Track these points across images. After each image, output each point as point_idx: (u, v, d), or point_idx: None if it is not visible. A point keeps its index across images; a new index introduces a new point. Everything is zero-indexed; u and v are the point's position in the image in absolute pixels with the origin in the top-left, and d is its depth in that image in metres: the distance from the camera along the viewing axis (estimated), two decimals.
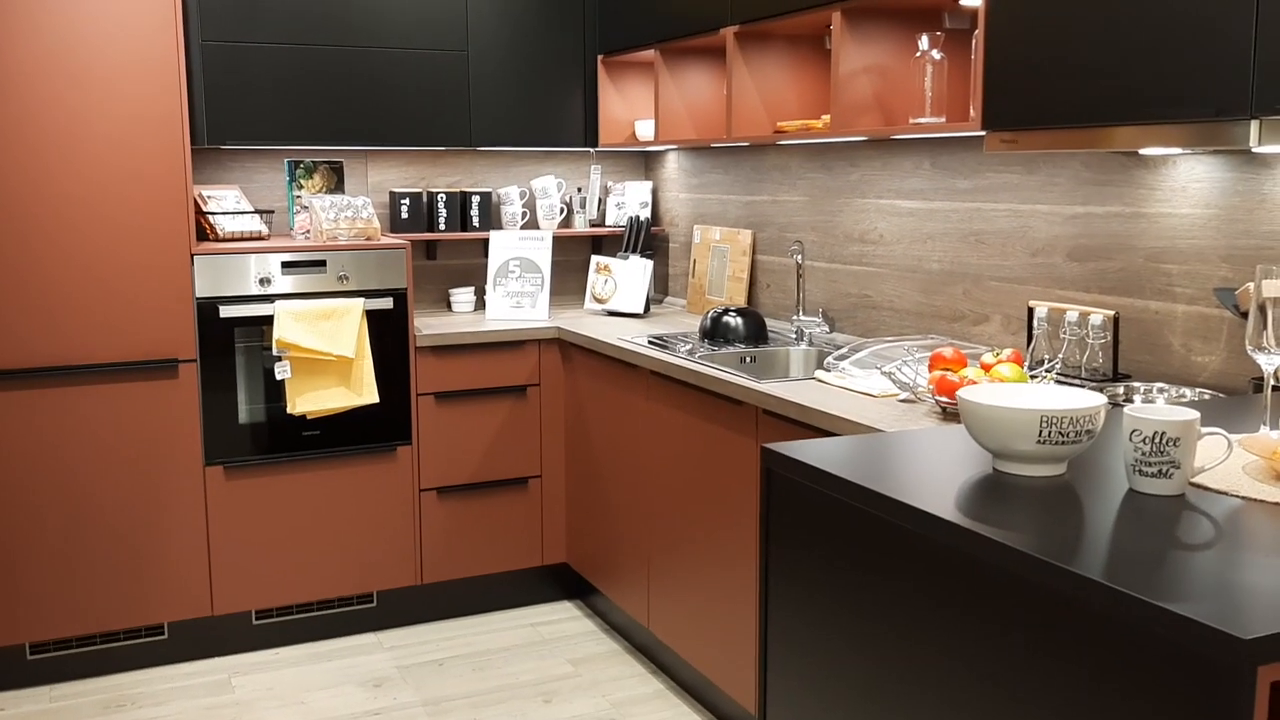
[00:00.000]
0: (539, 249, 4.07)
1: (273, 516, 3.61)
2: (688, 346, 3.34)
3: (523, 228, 4.26)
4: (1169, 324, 2.49)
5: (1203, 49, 1.94)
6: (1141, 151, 2.42)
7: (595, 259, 4.20)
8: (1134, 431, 1.52)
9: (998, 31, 2.37)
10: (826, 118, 3.08)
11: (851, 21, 2.88)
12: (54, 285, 3.28)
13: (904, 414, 2.39)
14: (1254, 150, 2.02)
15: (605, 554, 3.70)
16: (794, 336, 3.44)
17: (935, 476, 1.68)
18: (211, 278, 3.47)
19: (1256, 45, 1.84)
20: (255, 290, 3.52)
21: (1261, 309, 1.69)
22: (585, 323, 3.89)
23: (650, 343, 3.43)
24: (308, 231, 3.81)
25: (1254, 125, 1.88)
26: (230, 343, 3.51)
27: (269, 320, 3.52)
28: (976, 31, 2.44)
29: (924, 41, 2.81)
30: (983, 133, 2.46)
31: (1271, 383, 1.75)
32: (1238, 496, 1.52)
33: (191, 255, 3.43)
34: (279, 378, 3.51)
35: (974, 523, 1.41)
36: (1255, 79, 1.85)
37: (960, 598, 1.42)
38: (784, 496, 1.79)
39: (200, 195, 3.71)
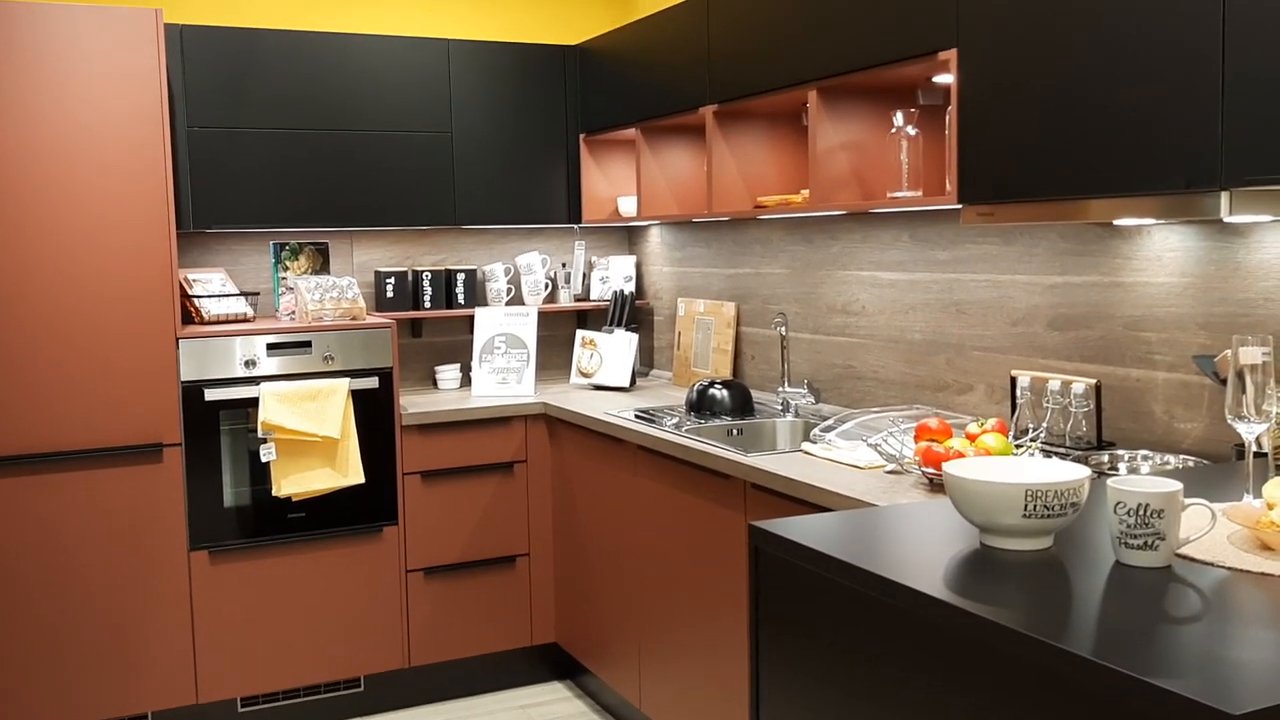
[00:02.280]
0: (524, 325, 4.08)
1: (258, 601, 3.57)
2: (674, 420, 3.34)
3: (508, 304, 4.29)
4: (1150, 391, 2.51)
5: (1172, 123, 1.98)
6: (1116, 222, 2.46)
7: (580, 333, 4.22)
8: (1118, 504, 1.52)
9: (970, 107, 2.42)
10: (805, 192, 3.12)
11: (827, 99, 2.94)
12: (38, 370, 3.28)
13: (891, 486, 2.39)
14: (1226, 220, 2.05)
15: (595, 633, 3.66)
16: (780, 408, 3.45)
17: (923, 552, 1.67)
18: (197, 361, 3.47)
19: (1223, 119, 1.88)
20: (241, 372, 3.52)
21: (1240, 376, 1.71)
22: (571, 397, 3.90)
23: (637, 416, 3.43)
24: (293, 313, 3.82)
25: (1224, 196, 1.91)
26: (215, 425, 3.50)
27: (254, 402, 3.51)
28: (950, 107, 2.49)
29: (899, 118, 2.86)
30: (959, 206, 2.50)
31: (1253, 450, 1.76)
32: (1223, 567, 1.52)
33: (177, 339, 3.43)
34: (264, 460, 3.49)
35: (963, 600, 1.41)
36: (1224, 152, 1.89)
37: (951, 674, 1.41)
38: (773, 574, 1.78)
39: (186, 279, 3.73)
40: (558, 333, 4.53)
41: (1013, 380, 2.73)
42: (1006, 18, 2.31)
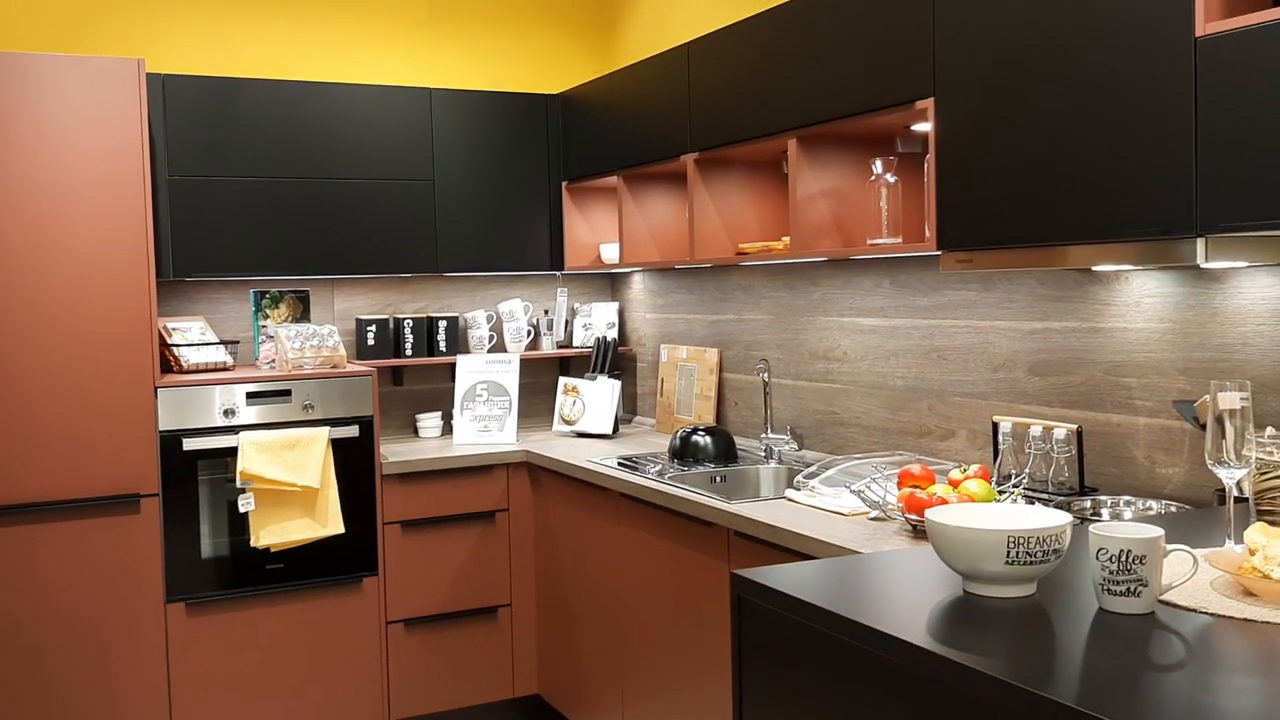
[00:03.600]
0: (506, 372, 4.07)
1: (236, 654, 3.52)
2: (657, 467, 3.33)
3: (490, 351, 4.28)
4: (1131, 436, 2.51)
5: (1148, 170, 2.00)
6: (1095, 268, 2.48)
7: (563, 380, 4.21)
8: (1100, 550, 1.52)
9: (948, 155, 2.44)
10: (787, 239, 3.14)
11: (807, 147, 2.96)
12: (14, 420, 3.24)
13: (875, 533, 2.38)
14: (1202, 266, 2.07)
15: (578, 684, 3.61)
16: (763, 454, 3.44)
17: (907, 600, 1.66)
18: (175, 410, 3.44)
19: (1198, 166, 1.90)
20: (220, 422, 3.49)
21: (1219, 421, 1.71)
22: (554, 445, 3.88)
23: (620, 464, 3.41)
24: (273, 361, 3.80)
25: (1200, 243, 1.93)
26: (193, 475, 3.47)
27: (233, 452, 3.48)
28: (928, 155, 2.51)
29: (878, 165, 2.88)
30: (939, 253, 2.51)
31: (1234, 495, 1.76)
32: (1207, 613, 1.51)
33: (155, 388, 3.41)
34: (242, 510, 3.45)
35: (947, 648, 1.39)
36: (1199, 198, 1.91)
37: None
38: (755, 622, 1.76)
39: (165, 327, 3.71)
40: (540, 380, 4.52)
41: (995, 426, 2.73)
42: (983, 67, 2.34)
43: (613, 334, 4.41)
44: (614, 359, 4.19)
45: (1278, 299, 2.21)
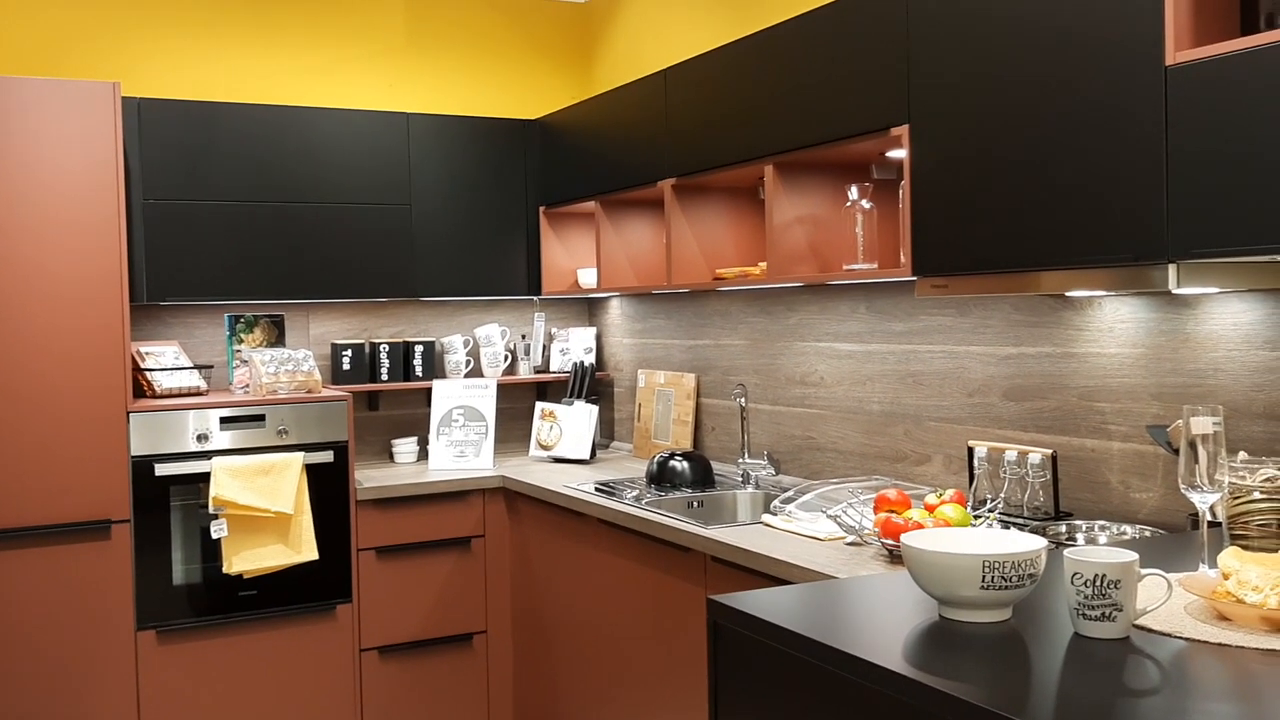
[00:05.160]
0: (483, 397, 4.06)
1: (207, 682, 3.47)
2: (634, 492, 3.32)
3: (467, 376, 4.26)
4: (1106, 462, 2.52)
5: (1120, 197, 2.02)
6: (1068, 294, 2.49)
7: (540, 405, 4.20)
8: (1075, 574, 1.52)
9: (923, 181, 2.46)
10: (763, 264, 3.15)
11: (783, 174, 2.97)
12: None
13: (851, 558, 2.37)
14: (1174, 292, 2.09)
15: (555, 711, 3.58)
16: (740, 479, 3.44)
17: (883, 625, 1.66)
18: (148, 435, 3.41)
19: (1169, 193, 1.92)
20: (193, 447, 3.46)
21: (1192, 446, 1.72)
22: (531, 470, 3.86)
23: (597, 489, 3.40)
24: (247, 386, 3.78)
25: (1172, 269, 1.95)
26: (166, 501, 3.43)
27: (206, 477, 3.45)
28: (903, 182, 2.53)
29: (853, 192, 2.90)
30: (914, 278, 2.52)
31: (1207, 519, 1.76)
32: (1181, 638, 1.51)
33: (128, 413, 3.37)
34: (215, 536, 3.42)
35: (923, 674, 1.39)
36: (1170, 225, 1.92)
37: None
38: (732, 648, 1.75)
39: (138, 352, 3.68)
40: (517, 405, 4.51)
41: (970, 451, 2.74)
42: (957, 95, 2.36)
43: (590, 359, 4.41)
44: (591, 384, 4.18)
45: (1249, 324, 2.23)
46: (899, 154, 2.78)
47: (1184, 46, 1.91)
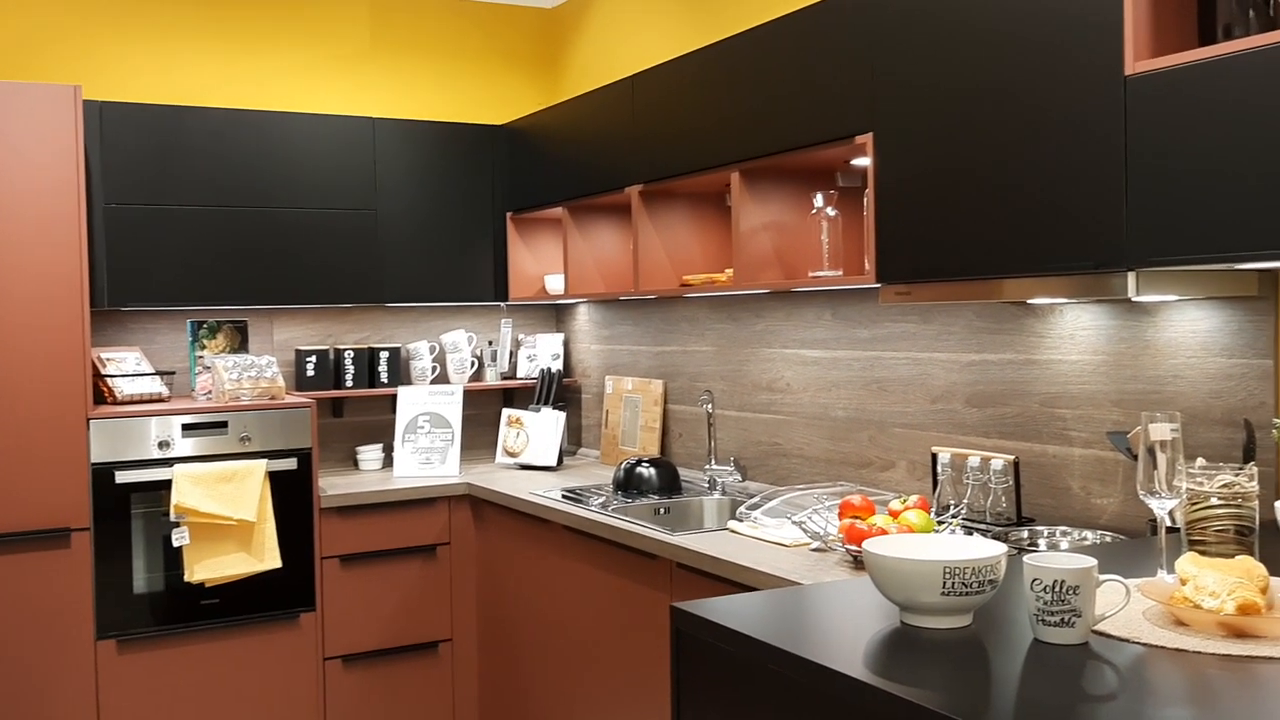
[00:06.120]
0: (449, 403, 4.04)
1: (169, 692, 3.43)
2: (601, 499, 3.31)
3: (433, 382, 4.24)
4: (1067, 467, 2.54)
5: (1080, 205, 2.03)
6: (1030, 301, 2.51)
7: (507, 412, 4.18)
8: (1034, 580, 1.53)
9: (887, 189, 2.47)
10: (730, 271, 3.15)
11: (749, 181, 2.98)
12: None
13: (816, 564, 2.38)
14: (1134, 299, 2.11)
15: (520, 718, 3.56)
16: (707, 486, 3.44)
17: (845, 632, 1.66)
18: (108, 442, 3.37)
19: (1128, 202, 1.94)
20: (154, 454, 3.42)
21: (1150, 452, 1.73)
22: (497, 477, 3.85)
23: (564, 496, 3.39)
24: (209, 392, 3.74)
25: (1131, 276, 1.97)
26: (126, 509, 3.39)
27: (167, 485, 3.41)
28: (867, 189, 2.54)
29: (819, 199, 2.91)
30: (878, 285, 2.53)
31: (1166, 525, 1.78)
32: (1139, 643, 1.52)
33: (88, 419, 3.33)
34: (176, 544, 3.38)
35: (883, 681, 1.39)
36: (1129, 234, 1.94)
37: None
38: (694, 655, 1.75)
39: (99, 357, 3.63)
40: (484, 411, 4.49)
41: (934, 457, 2.75)
42: (921, 103, 2.37)
43: (557, 365, 4.40)
44: (558, 390, 4.17)
45: (1207, 332, 2.26)
46: (863, 162, 2.79)
47: (1143, 57, 1.93)
